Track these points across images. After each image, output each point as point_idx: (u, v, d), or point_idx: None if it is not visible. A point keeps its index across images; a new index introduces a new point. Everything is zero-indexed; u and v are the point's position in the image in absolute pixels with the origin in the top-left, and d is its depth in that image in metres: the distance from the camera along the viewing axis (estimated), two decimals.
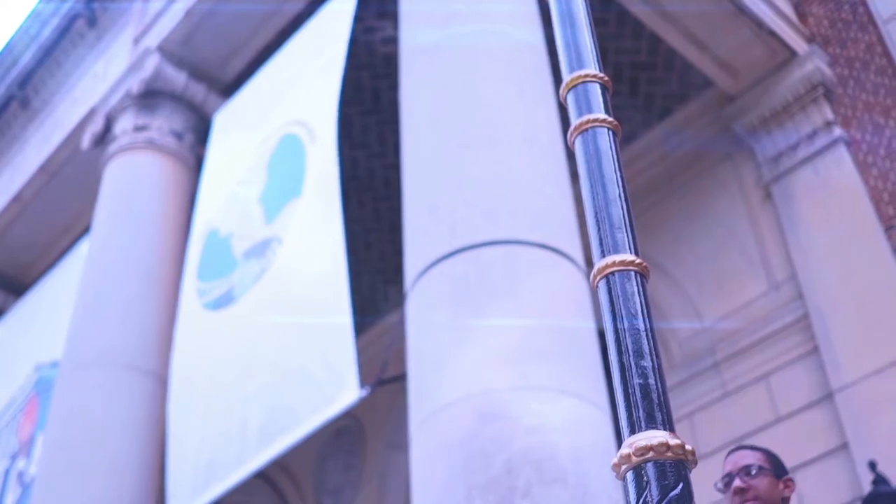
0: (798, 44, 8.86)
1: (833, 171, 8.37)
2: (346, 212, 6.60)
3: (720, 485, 2.89)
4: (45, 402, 8.34)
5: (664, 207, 9.40)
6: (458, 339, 4.08)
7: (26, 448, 8.64)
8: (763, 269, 8.58)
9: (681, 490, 1.35)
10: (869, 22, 8.71)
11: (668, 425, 1.43)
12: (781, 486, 2.87)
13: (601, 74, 1.94)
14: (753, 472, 2.84)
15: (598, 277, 1.62)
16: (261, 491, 10.65)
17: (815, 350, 7.89)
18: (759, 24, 8.55)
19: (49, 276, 10.04)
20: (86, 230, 10.00)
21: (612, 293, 1.59)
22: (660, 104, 9.61)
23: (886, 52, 8.48)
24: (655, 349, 1.51)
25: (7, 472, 8.79)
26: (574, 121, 1.85)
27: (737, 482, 2.81)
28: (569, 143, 1.85)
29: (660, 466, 1.37)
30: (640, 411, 1.44)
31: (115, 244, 7.93)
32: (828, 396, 7.66)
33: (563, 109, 5.75)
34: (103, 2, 9.72)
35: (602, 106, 1.89)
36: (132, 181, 8.37)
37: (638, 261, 1.60)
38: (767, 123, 8.85)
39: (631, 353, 1.51)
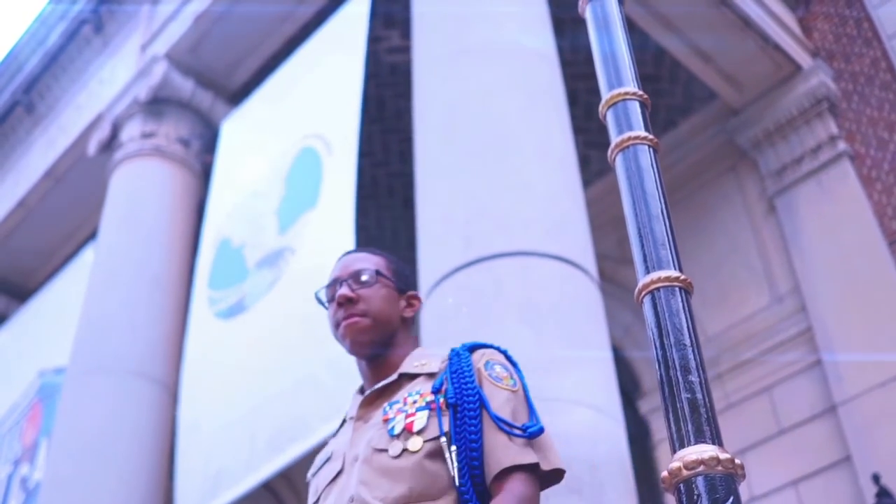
0: (803, 58, 8.91)
1: (837, 185, 8.41)
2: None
3: (322, 294, 2.25)
4: (50, 408, 8.34)
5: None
6: None
7: (30, 454, 8.63)
8: (766, 282, 8.61)
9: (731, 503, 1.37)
10: (874, 37, 8.76)
11: (718, 440, 1.45)
12: (403, 302, 2.23)
13: (640, 92, 1.96)
14: (366, 278, 2.19)
15: (643, 293, 1.64)
16: (262, 499, 10.64)
17: (818, 363, 7.92)
18: (764, 38, 8.59)
19: (53, 281, 10.04)
20: (90, 237, 10.00)
21: (658, 309, 1.60)
22: (664, 116, 9.65)
23: (891, 68, 8.52)
24: (702, 364, 1.52)
25: (10, 478, 8.78)
26: (614, 138, 1.87)
27: (343, 290, 2.15)
28: (609, 160, 1.87)
29: (710, 480, 1.39)
30: (689, 426, 1.46)
31: (122, 251, 7.95)
32: (831, 409, 7.69)
33: (575, 119, 5.72)
34: (110, 8, 9.74)
35: (642, 123, 1.91)
36: (139, 188, 8.39)
37: (682, 277, 1.62)
38: (771, 137, 8.89)
39: (678, 369, 1.52)
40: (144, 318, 7.54)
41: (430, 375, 2.06)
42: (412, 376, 2.09)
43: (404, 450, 1.93)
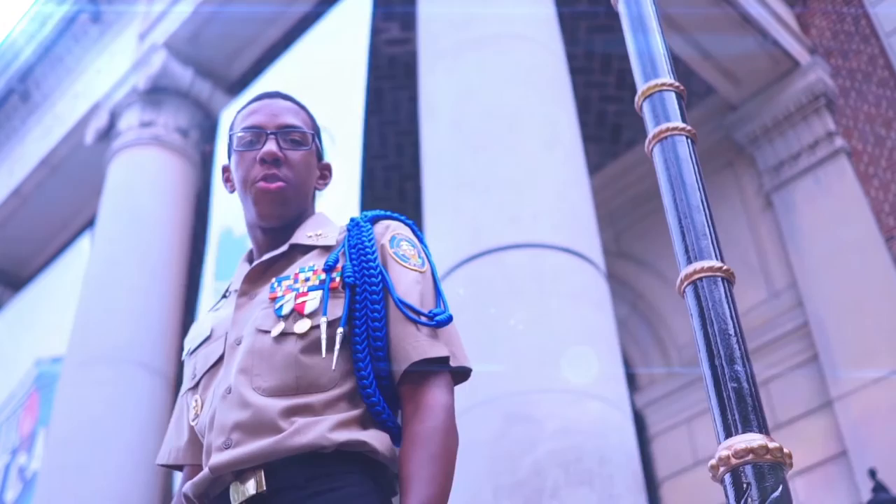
0: (801, 54, 8.94)
1: (834, 182, 8.44)
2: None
3: (238, 142, 1.89)
4: (47, 398, 8.31)
5: (664, 214, 9.42)
6: (483, 340, 4.10)
7: (27, 443, 8.60)
8: (763, 277, 8.64)
9: (781, 492, 1.37)
10: (871, 34, 8.79)
11: (765, 428, 1.46)
12: (318, 172, 1.96)
13: (676, 83, 1.97)
14: (298, 138, 1.89)
15: (686, 284, 1.65)
16: None
17: (815, 358, 7.96)
18: (763, 34, 8.61)
19: (48, 270, 9.99)
20: (85, 225, 9.97)
21: (701, 299, 1.61)
22: None
23: (889, 65, 8.56)
24: (746, 354, 1.53)
25: (7, 468, 8.75)
26: (652, 129, 1.87)
27: (271, 146, 1.84)
28: (646, 151, 1.88)
29: (759, 469, 1.40)
30: (736, 415, 1.47)
31: (121, 240, 7.91)
32: (827, 404, 7.73)
33: (581, 112, 5.72)
34: None
35: (679, 114, 1.91)
36: (138, 177, 8.36)
37: (725, 267, 1.63)
38: (769, 132, 8.92)
39: (723, 358, 1.54)
40: (143, 308, 7.52)
41: (326, 249, 1.81)
42: (305, 248, 1.83)
43: (291, 333, 1.68)
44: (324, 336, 1.68)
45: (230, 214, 7.37)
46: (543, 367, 3.99)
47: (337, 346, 1.67)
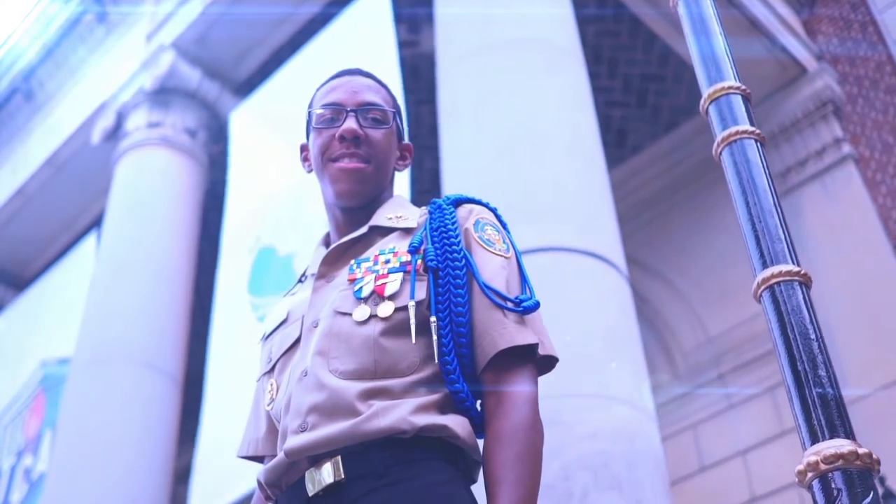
0: (808, 60, 8.94)
1: (841, 188, 8.45)
2: None
3: (317, 119, 1.86)
4: (53, 399, 8.26)
5: (669, 219, 9.46)
6: None
7: (33, 445, 8.54)
8: None
9: (871, 499, 1.36)
10: (879, 41, 8.81)
11: (851, 434, 1.45)
12: (398, 153, 1.92)
13: (742, 86, 1.97)
14: (379, 117, 1.85)
15: (762, 288, 1.64)
16: None
17: None
18: (770, 39, 8.61)
19: (52, 270, 9.93)
20: (89, 226, 9.93)
21: (779, 304, 1.60)
22: (667, 116, 9.66)
23: None
24: (828, 358, 1.52)
25: (13, 469, 8.69)
26: (720, 133, 1.87)
27: (350, 123, 1.80)
28: (714, 155, 1.87)
29: (848, 475, 1.38)
30: (822, 420, 1.46)
31: (129, 240, 7.88)
32: None
33: (600, 116, 5.69)
34: None
35: (746, 117, 1.91)
36: (146, 177, 8.32)
37: (802, 271, 1.62)
38: (776, 139, 8.92)
39: (806, 363, 1.52)
40: (151, 310, 7.48)
41: (407, 231, 1.78)
42: (385, 231, 1.80)
43: (372, 316, 1.64)
44: (413, 320, 1.63)
45: (271, 232, 7.18)
46: (569, 371, 3.96)
47: (434, 333, 1.62)
